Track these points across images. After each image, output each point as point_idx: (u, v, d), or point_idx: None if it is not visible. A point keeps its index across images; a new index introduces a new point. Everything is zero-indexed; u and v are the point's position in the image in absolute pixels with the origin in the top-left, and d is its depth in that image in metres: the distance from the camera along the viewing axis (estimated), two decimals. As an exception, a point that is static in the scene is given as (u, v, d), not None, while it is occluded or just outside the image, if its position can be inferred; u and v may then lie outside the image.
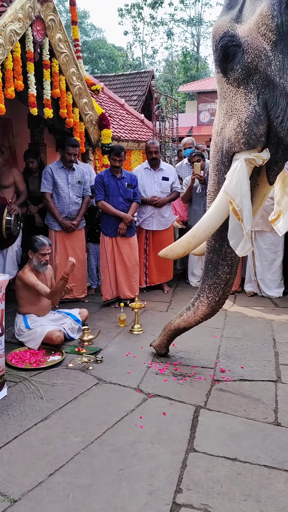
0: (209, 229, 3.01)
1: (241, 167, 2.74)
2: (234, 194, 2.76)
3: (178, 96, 26.46)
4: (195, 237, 3.09)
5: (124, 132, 8.83)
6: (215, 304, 3.24)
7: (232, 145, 2.80)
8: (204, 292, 3.25)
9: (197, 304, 3.30)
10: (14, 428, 2.70)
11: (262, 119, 2.63)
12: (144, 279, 5.55)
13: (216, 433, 2.66)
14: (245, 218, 2.76)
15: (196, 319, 3.34)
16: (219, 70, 2.76)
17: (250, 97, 2.65)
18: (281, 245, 5.33)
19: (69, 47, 4.85)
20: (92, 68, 35.07)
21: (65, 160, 4.92)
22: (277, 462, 2.38)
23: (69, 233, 4.99)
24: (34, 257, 3.98)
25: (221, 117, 2.89)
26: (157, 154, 5.37)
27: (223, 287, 3.18)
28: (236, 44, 2.61)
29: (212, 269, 3.18)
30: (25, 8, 4.07)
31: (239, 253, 2.87)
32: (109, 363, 3.61)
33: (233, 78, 2.69)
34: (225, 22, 2.67)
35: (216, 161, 3.02)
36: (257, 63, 2.57)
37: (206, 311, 3.27)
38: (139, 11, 32.85)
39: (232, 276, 3.20)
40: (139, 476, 2.28)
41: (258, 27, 2.50)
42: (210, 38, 2.86)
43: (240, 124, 2.71)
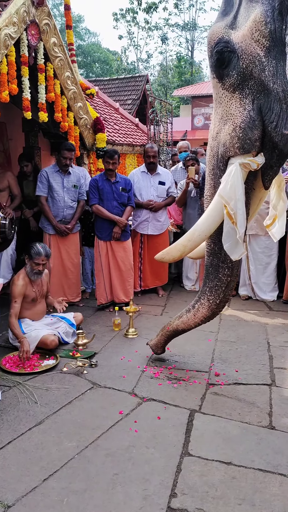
0: (204, 233, 3.05)
1: (236, 171, 2.77)
2: (228, 198, 2.79)
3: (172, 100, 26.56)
4: (191, 241, 3.13)
5: (118, 136, 8.84)
6: (216, 307, 3.23)
7: (227, 149, 2.83)
8: (205, 294, 3.26)
9: (198, 306, 3.30)
10: (8, 433, 2.68)
11: (257, 124, 2.66)
12: (138, 282, 5.55)
13: (211, 437, 2.66)
14: (239, 222, 2.78)
15: (196, 321, 3.34)
16: (215, 76, 2.79)
17: (245, 102, 2.69)
18: (275, 249, 5.35)
19: (63, 51, 4.86)
20: (87, 72, 35.15)
21: (61, 164, 4.92)
22: (272, 466, 2.38)
23: (63, 236, 4.98)
24: (29, 264, 3.97)
25: (217, 122, 2.91)
26: (155, 158, 5.39)
27: (224, 290, 3.18)
28: (230, 50, 2.64)
29: (213, 272, 3.20)
30: (20, 12, 4.07)
31: (233, 257, 2.90)
32: (104, 367, 3.61)
33: (229, 84, 2.72)
34: (220, 28, 2.70)
35: (212, 165, 3.05)
36: (251, 68, 2.61)
37: (206, 313, 3.27)
38: (133, 16, 33.01)
39: (233, 278, 3.20)
40: (134, 481, 2.28)
41: (252, 33, 2.54)
42: (206, 43, 2.90)
43: (235, 129, 2.73)
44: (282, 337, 4.24)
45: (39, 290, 4.07)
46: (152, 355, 3.82)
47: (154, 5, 32.07)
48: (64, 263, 5.03)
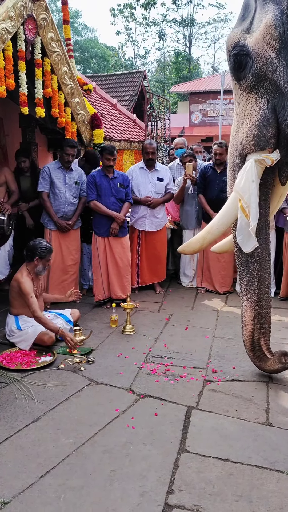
0: (222, 226, 3.25)
1: (251, 167, 2.93)
2: (242, 192, 2.94)
3: (170, 97, 26.48)
4: (210, 233, 3.32)
5: (116, 132, 8.82)
6: (256, 305, 3.18)
7: (244, 147, 2.99)
8: (243, 295, 3.27)
9: (243, 312, 3.29)
10: (5, 430, 2.68)
11: (271, 122, 2.82)
12: (136, 279, 5.54)
13: (208, 433, 2.66)
14: (252, 214, 2.91)
15: (249, 328, 3.23)
16: (233, 78, 2.97)
17: (261, 102, 2.85)
18: (273, 246, 5.34)
19: (61, 46, 4.82)
20: (84, 68, 35.02)
21: (64, 161, 4.91)
22: (269, 463, 2.39)
23: (64, 232, 4.97)
24: (40, 263, 3.95)
25: (236, 121, 3.09)
26: (154, 155, 5.38)
27: (258, 285, 3.18)
28: (246, 53, 2.81)
29: (244, 268, 3.25)
30: (17, 7, 4.04)
31: (245, 250, 3.02)
32: (101, 363, 3.60)
33: (245, 85, 2.89)
34: (237, 33, 2.89)
35: (232, 162, 3.21)
36: (265, 70, 2.76)
37: (251, 314, 3.21)
38: (131, 11, 32.90)
39: (263, 274, 3.19)
40: (131, 477, 2.27)
41: (263, 37, 2.71)
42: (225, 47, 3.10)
43: (251, 127, 2.90)
44: (279, 333, 4.25)
45: (39, 287, 4.07)
46: (149, 351, 3.82)
47: (152, 0, 31.92)
48: (65, 259, 5.01)
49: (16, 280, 3.89)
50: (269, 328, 3.30)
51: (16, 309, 3.96)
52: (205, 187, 5.44)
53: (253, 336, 3.25)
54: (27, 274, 3.93)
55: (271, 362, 3.27)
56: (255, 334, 3.24)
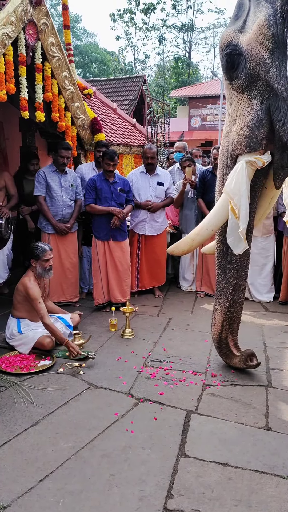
0: (211, 227, 3.21)
1: (241, 168, 2.90)
2: (233, 193, 2.92)
3: (169, 101, 26.57)
4: (199, 235, 3.29)
5: (116, 136, 8.83)
6: (227, 310, 3.29)
7: (235, 147, 2.96)
8: (216, 299, 3.36)
9: (214, 314, 3.39)
10: (4, 434, 2.67)
11: (264, 123, 2.79)
12: (135, 283, 5.54)
13: (207, 438, 2.65)
14: (242, 216, 2.89)
15: (217, 329, 3.38)
16: (226, 77, 2.93)
17: (253, 103, 2.81)
18: (272, 250, 5.36)
19: (61, 51, 4.85)
20: (84, 72, 35.12)
21: (58, 163, 4.91)
22: (268, 467, 2.39)
23: (62, 236, 4.97)
24: (38, 265, 3.94)
25: (228, 122, 3.06)
26: (154, 159, 5.39)
27: (232, 292, 3.25)
28: (239, 53, 2.78)
29: (221, 273, 3.29)
30: (18, 12, 4.06)
31: (236, 251, 3.02)
32: (100, 367, 3.60)
33: (238, 85, 2.85)
34: (230, 32, 2.86)
35: (222, 163, 3.18)
36: (258, 70, 2.73)
37: (220, 318, 3.33)
38: (131, 16, 33.03)
39: (240, 281, 3.27)
40: (130, 482, 2.27)
41: (256, 36, 2.68)
42: (218, 47, 3.10)
43: (243, 128, 2.86)
44: (278, 338, 4.25)
45: (43, 292, 4.06)
46: (148, 355, 3.82)
47: (152, 6, 32.07)
48: (63, 262, 5.02)
49: (23, 285, 3.87)
50: (238, 327, 3.46)
51: (20, 312, 3.95)
52: (204, 191, 5.45)
53: (221, 336, 3.41)
54: (34, 279, 3.91)
55: (236, 360, 3.43)
56: (223, 333, 3.39)
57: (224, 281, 3.29)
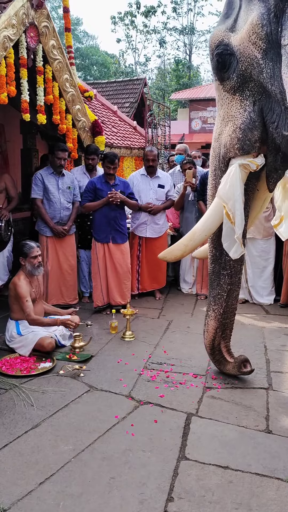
0: (204, 232, 3.11)
1: (235, 171, 2.82)
2: (227, 198, 2.84)
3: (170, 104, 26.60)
4: (192, 240, 3.19)
5: (116, 138, 8.85)
6: (221, 317, 3.26)
7: (228, 150, 2.88)
8: (210, 305, 3.31)
9: (207, 320, 3.35)
10: (4, 436, 2.67)
11: (257, 125, 2.70)
12: (136, 285, 5.54)
13: (208, 441, 2.65)
14: (237, 221, 2.82)
15: (210, 336, 3.34)
16: (216, 78, 2.84)
17: (246, 104, 2.73)
18: (272, 253, 5.36)
19: (62, 54, 4.85)
20: (85, 75, 35.16)
21: (55, 165, 4.91)
22: (269, 470, 2.38)
23: (60, 238, 4.98)
24: (27, 262, 3.97)
25: (219, 124, 2.96)
26: (155, 162, 5.40)
27: (226, 299, 3.21)
28: (230, 52, 2.68)
29: (215, 279, 3.24)
30: (19, 15, 4.07)
31: (232, 256, 2.94)
32: (101, 370, 3.59)
33: (229, 86, 2.76)
34: (221, 31, 2.74)
35: (214, 166, 3.10)
36: (250, 71, 2.64)
37: (214, 325, 3.29)
38: (132, 19, 33.08)
39: (234, 287, 3.23)
40: (130, 485, 2.26)
41: (249, 36, 2.56)
42: (208, 47, 2.96)
43: (235, 130, 2.78)
44: (279, 340, 4.24)
45: (37, 290, 4.08)
46: (149, 358, 3.82)
47: (153, 9, 32.14)
48: (62, 265, 5.02)
49: (13, 283, 3.93)
50: (231, 333, 3.42)
51: (16, 313, 3.96)
52: (205, 194, 5.44)
53: (214, 342, 3.36)
54: (24, 278, 3.94)
55: (230, 367, 3.39)
56: (216, 340, 3.35)
57: (218, 287, 3.23)
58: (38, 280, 4.14)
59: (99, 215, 4.88)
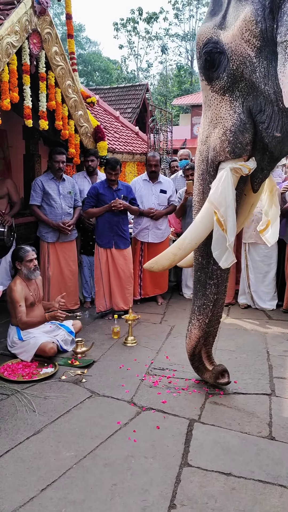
0: (194, 240, 2.94)
1: (227, 176, 2.70)
2: (218, 204, 2.71)
3: (172, 109, 26.70)
4: (181, 249, 3.00)
5: (119, 144, 8.88)
6: (206, 326, 3.17)
7: (218, 154, 2.75)
8: (194, 314, 3.20)
9: (190, 328, 3.25)
10: (6, 442, 2.66)
11: (248, 127, 2.59)
12: (138, 291, 5.54)
13: (210, 447, 2.63)
14: (229, 229, 2.70)
15: (193, 344, 3.26)
16: (204, 78, 2.70)
17: (236, 105, 2.61)
18: (275, 258, 5.35)
19: (65, 60, 4.88)
20: (87, 81, 35.34)
21: (54, 169, 4.92)
22: (272, 477, 2.36)
23: (61, 243, 4.98)
24: (23, 266, 3.99)
25: (206, 126, 2.83)
26: (157, 167, 5.42)
27: (212, 308, 3.12)
28: (220, 51, 2.55)
29: (201, 289, 3.12)
30: (22, 21, 4.10)
31: (222, 265, 2.80)
32: (103, 375, 3.59)
33: (218, 86, 2.63)
34: (209, 28, 2.61)
35: (201, 170, 2.96)
36: (242, 70, 2.50)
37: (198, 334, 3.20)
38: (134, 26, 33.28)
39: (220, 296, 3.13)
40: (133, 491, 2.25)
41: (242, 33, 2.42)
42: (195, 45, 2.84)
43: (225, 133, 2.66)
44: (281, 346, 4.23)
45: (36, 294, 4.08)
46: (151, 363, 3.81)
47: (155, 15, 32.39)
48: (63, 270, 5.03)
49: (8, 288, 3.94)
50: (214, 340, 3.37)
51: (16, 319, 3.95)
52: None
53: (195, 350, 3.30)
54: (20, 282, 3.96)
55: (207, 376, 3.35)
56: (197, 348, 3.29)
57: (203, 297, 3.11)
58: (37, 283, 4.14)
59: (101, 220, 4.89)
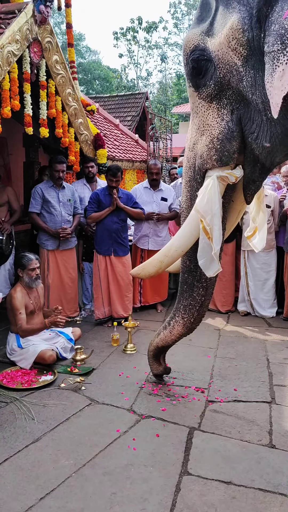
0: (181, 248, 2.94)
1: (213, 184, 2.68)
2: (204, 212, 2.69)
3: (171, 117, 26.85)
4: (167, 256, 3.02)
5: (118, 151, 8.91)
6: (190, 324, 3.19)
7: (204, 161, 2.73)
8: (179, 312, 3.18)
9: (173, 323, 3.23)
10: (5, 450, 2.64)
11: (235, 135, 2.56)
12: (138, 298, 5.53)
13: (210, 455, 2.62)
14: (215, 237, 2.69)
15: (173, 339, 3.29)
16: (191, 84, 2.69)
17: (223, 113, 2.58)
18: (274, 265, 5.35)
19: (65, 69, 4.92)
20: (87, 89, 35.53)
21: (54, 178, 4.94)
22: (272, 486, 2.35)
23: (61, 250, 4.99)
24: (24, 274, 3.98)
25: (194, 133, 2.81)
26: (158, 175, 5.44)
27: (198, 309, 3.12)
28: (207, 58, 2.52)
29: (187, 290, 3.10)
30: (23, 30, 4.13)
31: (208, 274, 2.79)
32: (102, 383, 3.57)
33: (206, 94, 2.61)
34: (196, 35, 2.58)
35: (189, 177, 2.95)
36: (229, 78, 2.48)
37: (181, 331, 3.21)
38: (134, 35, 33.51)
39: (207, 297, 3.14)
40: (132, 500, 2.23)
41: (228, 41, 2.39)
42: (182, 51, 2.77)
43: (213, 140, 2.63)
44: (281, 354, 4.22)
45: (37, 302, 4.08)
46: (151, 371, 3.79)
47: (154, 24, 32.63)
48: (63, 278, 5.02)
49: (9, 295, 3.93)
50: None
51: (16, 326, 3.94)
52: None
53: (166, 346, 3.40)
54: (21, 289, 3.95)
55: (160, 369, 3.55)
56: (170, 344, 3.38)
57: (190, 298, 3.10)
58: (38, 291, 4.13)
59: (101, 227, 4.89)
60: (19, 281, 4.03)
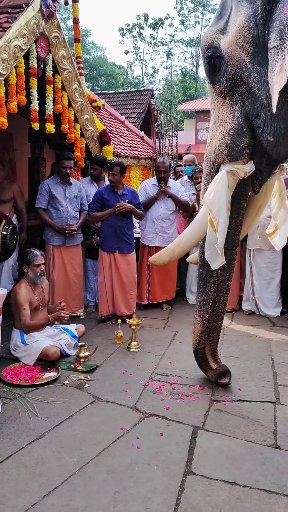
0: (192, 239, 3.09)
1: (221, 178, 2.75)
2: (211, 205, 2.76)
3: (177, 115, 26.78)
4: (179, 246, 3.20)
5: (124, 148, 8.89)
6: (207, 321, 3.22)
7: (217, 156, 2.83)
8: (196, 309, 3.28)
9: (194, 323, 3.32)
10: (8, 447, 2.63)
11: (245, 131, 2.63)
12: (146, 295, 5.50)
13: (215, 455, 2.60)
14: (220, 230, 2.74)
15: (196, 339, 3.32)
16: (209, 81, 2.79)
17: (235, 109, 2.66)
18: (279, 264, 5.32)
19: (72, 64, 4.89)
20: (93, 86, 35.46)
21: (61, 174, 4.93)
22: (277, 487, 2.33)
23: (67, 247, 4.97)
24: (29, 270, 3.97)
25: (211, 127, 2.91)
26: (166, 173, 5.42)
27: (212, 305, 3.16)
28: (219, 55, 2.61)
29: (202, 285, 3.19)
30: (30, 25, 4.10)
31: (212, 266, 2.87)
32: (106, 380, 3.56)
33: (220, 90, 2.70)
34: (211, 33, 2.68)
35: (206, 170, 3.05)
36: (240, 74, 2.56)
37: (200, 329, 3.26)
38: (140, 31, 33.39)
39: (220, 294, 3.17)
40: (136, 499, 2.22)
41: (236, 39, 2.47)
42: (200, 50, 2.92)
43: (224, 136, 2.72)
44: (286, 353, 4.19)
45: (41, 298, 4.06)
46: (155, 369, 3.78)
47: (160, 21, 32.47)
48: (68, 274, 5.01)
49: (14, 290, 3.93)
50: (218, 336, 3.41)
51: (20, 322, 3.94)
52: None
53: (198, 346, 3.37)
54: (26, 285, 3.94)
55: (210, 374, 3.44)
56: (200, 343, 3.35)
57: (204, 293, 3.18)
58: (43, 287, 4.12)
59: (105, 225, 4.87)
60: (24, 277, 4.02)
